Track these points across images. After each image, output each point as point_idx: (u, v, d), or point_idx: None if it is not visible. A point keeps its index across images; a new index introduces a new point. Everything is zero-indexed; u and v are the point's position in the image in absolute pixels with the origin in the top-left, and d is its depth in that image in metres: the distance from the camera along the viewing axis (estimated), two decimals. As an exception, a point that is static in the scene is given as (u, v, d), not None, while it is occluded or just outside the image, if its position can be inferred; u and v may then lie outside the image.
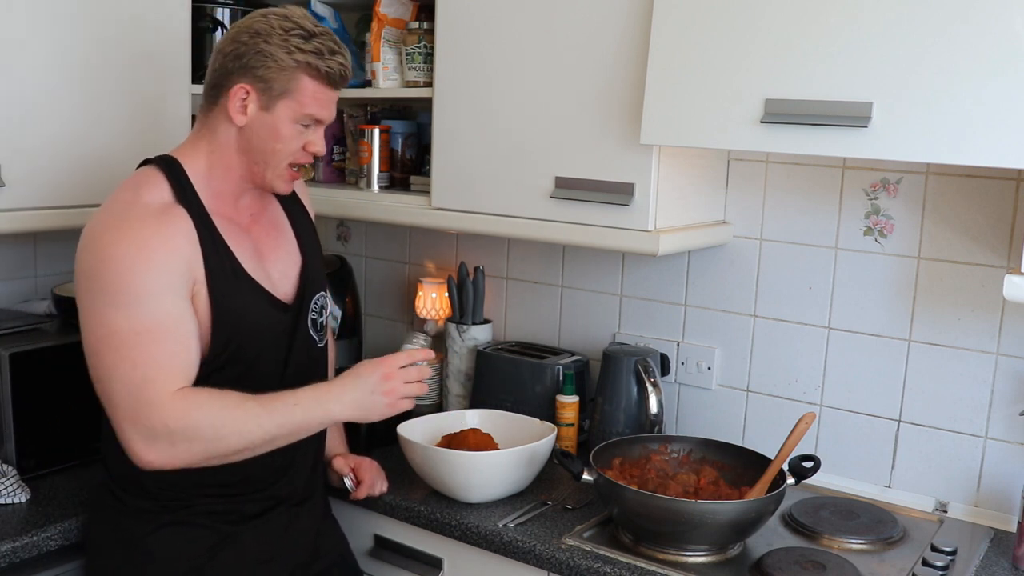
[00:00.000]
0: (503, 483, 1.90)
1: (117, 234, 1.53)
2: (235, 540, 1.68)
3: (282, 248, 1.77)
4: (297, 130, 1.64)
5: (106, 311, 1.52)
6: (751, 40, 1.65)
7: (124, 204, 1.58)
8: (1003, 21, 1.43)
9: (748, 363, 2.16)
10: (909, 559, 1.74)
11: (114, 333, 1.51)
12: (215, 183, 1.66)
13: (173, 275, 1.54)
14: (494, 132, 2.05)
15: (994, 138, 1.45)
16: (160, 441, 1.51)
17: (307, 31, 1.60)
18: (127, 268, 1.51)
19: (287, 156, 1.65)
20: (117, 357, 1.51)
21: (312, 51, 1.59)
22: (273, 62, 1.58)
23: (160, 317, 1.52)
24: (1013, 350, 1.87)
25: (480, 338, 2.41)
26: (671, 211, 1.92)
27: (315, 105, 1.63)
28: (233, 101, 1.60)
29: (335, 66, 1.62)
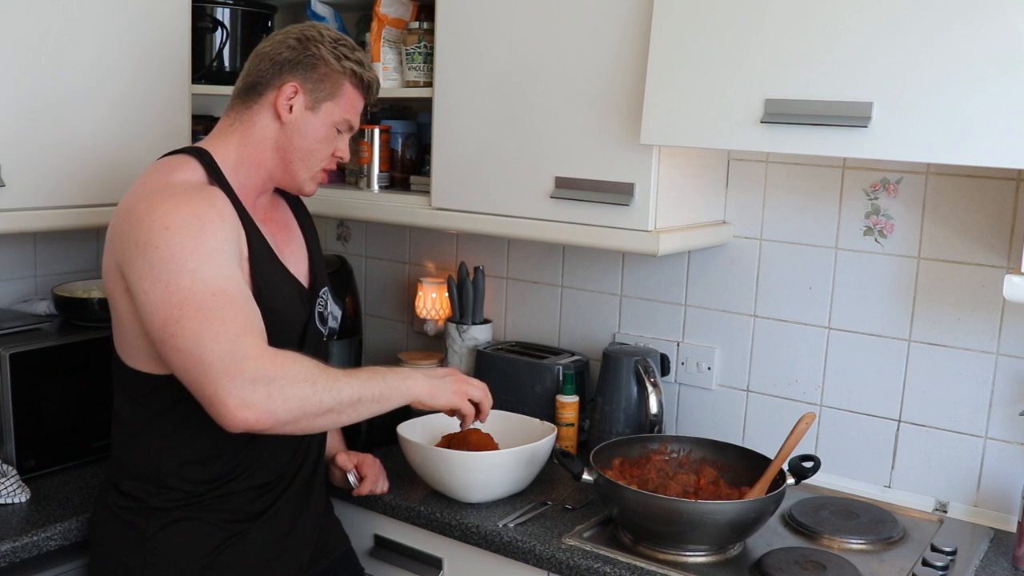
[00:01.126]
0: (503, 483, 1.90)
1: (171, 204, 1.54)
2: (242, 537, 1.68)
3: (293, 243, 1.81)
4: (333, 133, 1.73)
5: (175, 279, 1.49)
6: (751, 40, 1.65)
7: (163, 184, 1.59)
8: (1003, 21, 1.43)
9: (748, 363, 2.16)
10: (909, 559, 1.74)
11: (189, 298, 1.49)
12: (242, 177, 1.69)
13: (230, 241, 1.57)
14: (494, 132, 2.05)
15: (994, 138, 1.45)
16: (259, 391, 1.46)
17: (350, 44, 1.73)
18: (191, 233, 1.51)
19: (322, 157, 1.74)
20: (202, 318, 1.48)
21: (356, 61, 1.72)
22: (325, 66, 1.68)
23: (228, 280, 1.53)
24: (1013, 350, 1.87)
25: (480, 338, 2.41)
26: (671, 211, 1.92)
27: (352, 111, 1.74)
28: (282, 98, 1.67)
29: (373, 78, 1.76)
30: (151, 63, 2.17)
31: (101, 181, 2.10)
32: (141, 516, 1.66)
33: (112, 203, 2.11)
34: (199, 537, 1.66)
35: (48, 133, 2.00)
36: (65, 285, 2.23)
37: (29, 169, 1.98)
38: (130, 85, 2.13)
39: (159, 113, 2.20)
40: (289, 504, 1.75)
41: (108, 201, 2.11)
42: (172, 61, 2.21)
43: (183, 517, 1.65)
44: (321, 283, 1.83)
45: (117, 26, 2.09)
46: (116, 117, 2.12)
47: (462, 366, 2.40)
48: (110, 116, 2.11)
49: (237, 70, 2.40)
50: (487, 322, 2.45)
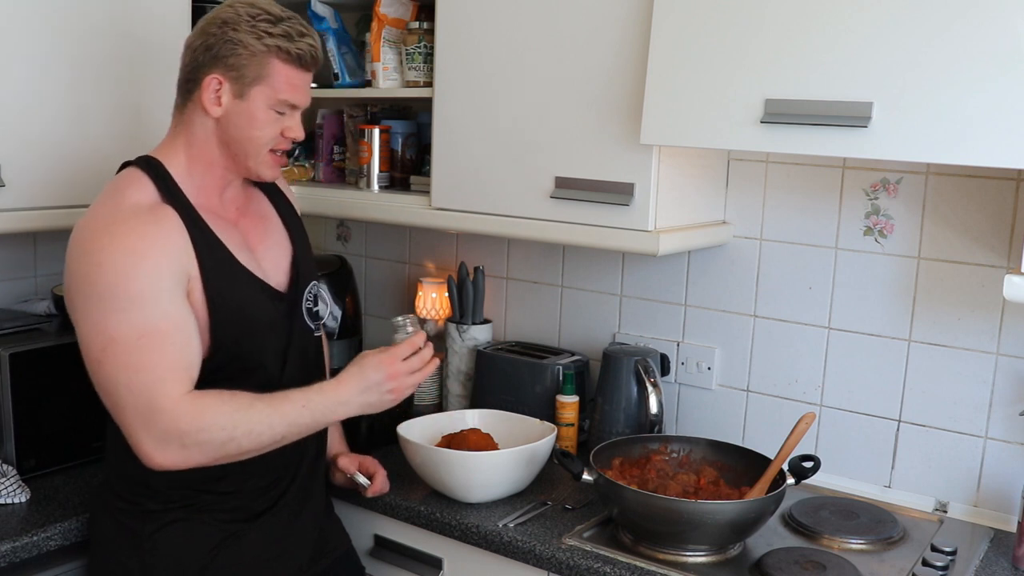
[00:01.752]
0: (503, 483, 1.90)
1: (107, 239, 1.52)
2: (240, 538, 1.68)
3: (271, 238, 1.77)
4: (273, 116, 1.63)
5: (104, 317, 1.51)
6: (751, 40, 1.65)
7: (111, 208, 1.57)
8: (1003, 21, 1.43)
9: (748, 363, 2.16)
10: (909, 559, 1.74)
11: (116, 339, 1.50)
12: (197, 178, 1.65)
13: (168, 275, 1.54)
14: (494, 132, 2.05)
15: (994, 138, 1.45)
16: (172, 444, 1.51)
17: (274, 15, 1.60)
18: (122, 272, 1.50)
19: (266, 143, 1.65)
20: (122, 363, 1.51)
21: (281, 34, 1.59)
22: (243, 49, 1.58)
23: (160, 320, 1.52)
24: (1013, 350, 1.87)
25: (480, 338, 2.41)
26: (671, 211, 1.92)
27: (289, 90, 1.63)
28: (207, 93, 1.61)
29: (305, 48, 1.62)
30: (151, 63, 2.17)
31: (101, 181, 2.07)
32: (137, 518, 1.66)
33: (112, 203, 2.12)
34: (197, 538, 1.66)
35: (48, 133, 2.00)
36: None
37: (29, 169, 1.98)
38: (130, 85, 2.13)
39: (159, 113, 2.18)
40: (287, 504, 1.75)
41: (108, 201, 2.12)
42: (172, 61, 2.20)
43: (180, 518, 1.65)
44: (307, 278, 1.78)
45: (117, 26, 2.09)
46: (116, 117, 2.12)
47: (462, 366, 2.40)
48: (110, 116, 2.11)
49: (237, 70, 2.41)
50: (487, 322, 2.45)
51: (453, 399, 2.42)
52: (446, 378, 2.44)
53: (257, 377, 1.65)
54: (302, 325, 1.76)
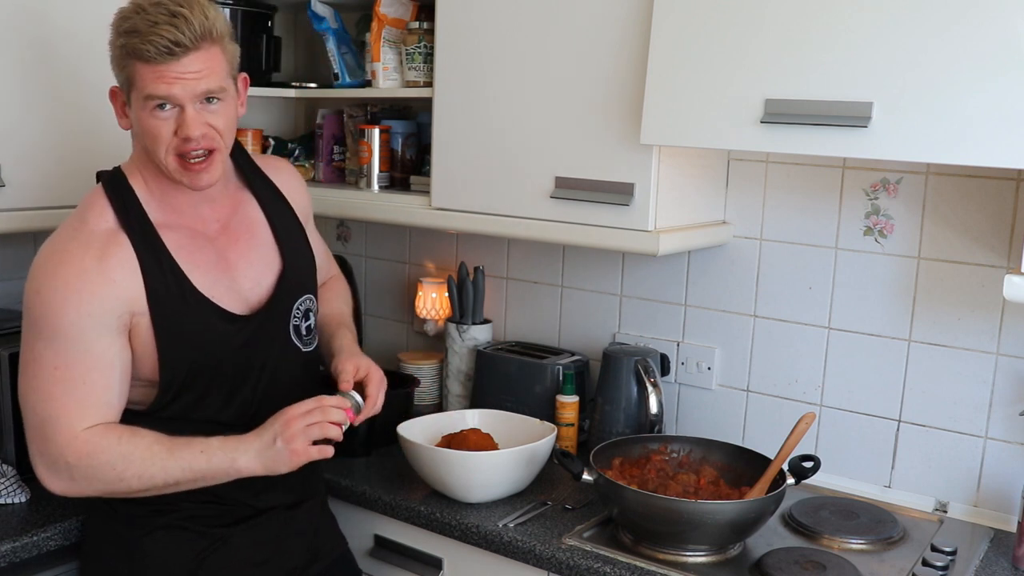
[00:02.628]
0: (503, 483, 1.90)
1: (48, 267, 1.53)
2: (226, 543, 1.68)
3: (254, 254, 1.68)
4: (157, 117, 1.50)
5: (32, 340, 1.53)
6: (751, 40, 1.65)
7: (70, 231, 1.55)
8: (1003, 21, 1.43)
9: (748, 363, 2.16)
10: (909, 559, 1.74)
11: (35, 361, 1.53)
12: (158, 193, 1.60)
13: (103, 313, 1.51)
14: (494, 132, 2.05)
15: (994, 138, 1.45)
16: (61, 473, 1.53)
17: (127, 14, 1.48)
18: (55, 304, 1.50)
19: (162, 147, 1.52)
20: (34, 388, 1.53)
21: (130, 31, 1.46)
22: (113, 59, 1.52)
23: (80, 356, 1.51)
24: (1013, 350, 1.87)
25: (480, 338, 2.41)
26: (671, 211, 1.92)
27: (152, 84, 1.47)
28: (115, 108, 1.58)
29: (156, 39, 1.44)
30: (151, 63, 2.17)
31: (101, 181, 2.10)
32: (125, 524, 1.66)
33: (112, 203, 2.12)
34: (184, 542, 1.65)
35: (48, 133, 2.00)
36: (65, 285, 2.23)
37: (29, 169, 1.98)
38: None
39: (159, 113, 2.20)
40: (276, 509, 1.73)
41: (108, 201, 2.11)
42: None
43: (166, 524, 1.65)
44: (294, 294, 1.70)
45: (117, 26, 2.09)
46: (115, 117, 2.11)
47: (462, 366, 2.40)
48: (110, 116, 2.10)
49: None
50: (487, 322, 2.45)
51: (453, 399, 2.42)
52: (446, 378, 2.44)
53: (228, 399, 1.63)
54: (283, 344, 1.69)
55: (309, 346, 1.76)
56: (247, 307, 1.66)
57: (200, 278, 1.60)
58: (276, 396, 1.64)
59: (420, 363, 2.46)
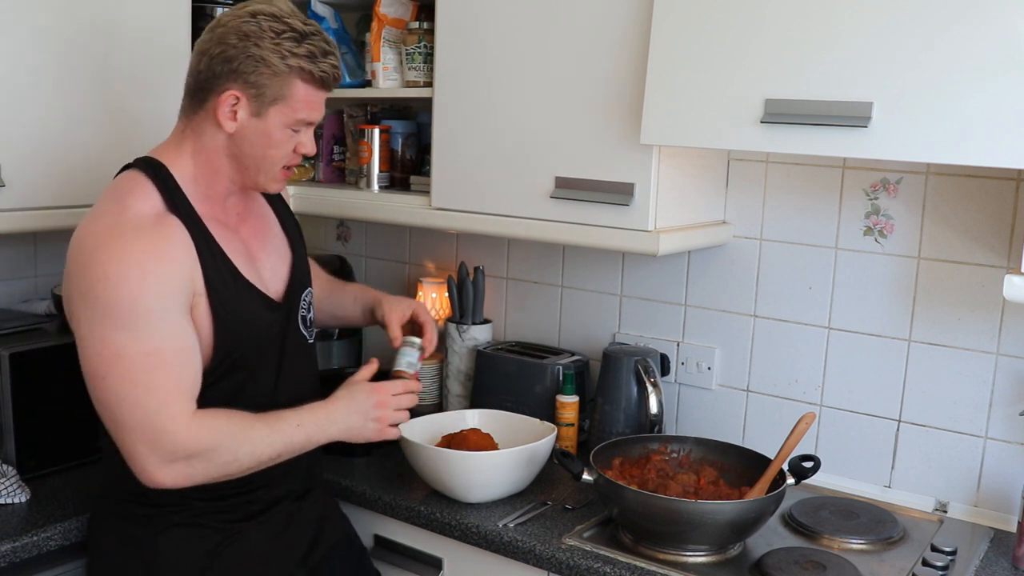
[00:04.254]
0: (503, 483, 1.90)
1: (113, 251, 1.48)
2: (240, 537, 1.68)
3: (270, 245, 1.74)
4: (288, 134, 1.60)
5: (110, 334, 1.48)
6: (751, 40, 1.65)
7: (113, 216, 1.52)
8: (1003, 21, 1.43)
9: (748, 363, 2.16)
10: (909, 559, 1.74)
11: (121, 356, 1.48)
12: (202, 187, 1.61)
13: (174, 294, 1.51)
14: (494, 132, 2.05)
15: (994, 138, 1.45)
16: (178, 464, 1.51)
17: (298, 32, 1.55)
18: (128, 288, 1.47)
19: (280, 160, 1.62)
20: (127, 381, 1.48)
21: (305, 55, 1.54)
22: (266, 67, 1.53)
23: (166, 337, 1.50)
24: (1013, 350, 1.87)
25: (480, 338, 2.41)
26: (671, 211, 1.92)
27: (307, 109, 1.59)
28: (223, 108, 1.55)
29: (328, 69, 1.57)
30: (151, 63, 2.17)
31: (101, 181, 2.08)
32: (138, 524, 1.65)
33: (112, 203, 2.12)
34: (197, 540, 1.65)
35: (48, 133, 2.00)
36: (65, 285, 2.23)
37: (29, 169, 1.98)
38: (130, 85, 2.13)
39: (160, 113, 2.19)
40: (287, 500, 1.75)
41: (108, 201, 2.11)
42: (172, 61, 2.21)
43: (179, 522, 1.65)
44: (302, 285, 1.77)
45: (117, 26, 2.09)
46: (116, 117, 2.12)
47: (462, 366, 2.40)
48: (110, 116, 2.11)
49: (237, 70, 2.41)
50: (487, 322, 2.45)
51: (453, 399, 2.42)
52: (446, 378, 2.44)
53: (254, 387, 1.65)
54: (296, 333, 1.74)
55: (311, 337, 1.81)
56: (277, 296, 1.71)
57: (240, 265, 1.64)
58: (289, 385, 1.71)
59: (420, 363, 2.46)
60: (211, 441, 1.52)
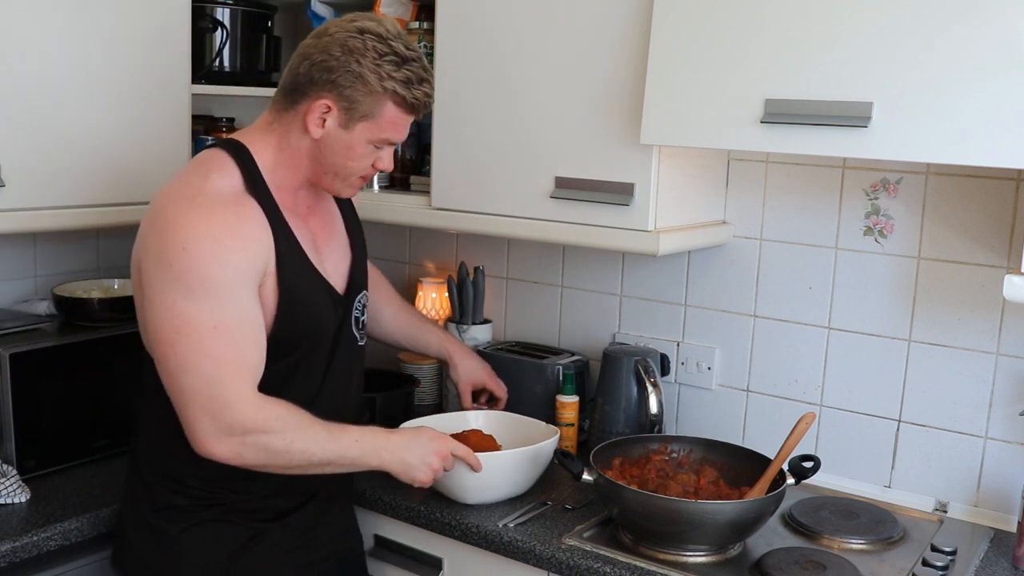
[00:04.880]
0: (503, 486, 1.89)
1: (192, 221, 1.52)
2: (265, 536, 1.69)
3: (335, 241, 1.79)
4: (371, 150, 1.65)
5: (183, 302, 1.50)
6: (751, 40, 1.65)
7: (195, 189, 1.56)
8: (1003, 21, 1.43)
9: (748, 363, 2.16)
10: (909, 559, 1.74)
11: (191, 325, 1.50)
12: (279, 177, 1.66)
13: (247, 270, 1.55)
14: (494, 132, 2.05)
15: (994, 138, 1.45)
16: (233, 438, 1.52)
17: (400, 56, 1.59)
18: (205, 259, 1.50)
19: (357, 172, 1.67)
20: (195, 349, 1.51)
21: (402, 80, 1.59)
22: (363, 84, 1.58)
23: (238, 312, 1.53)
24: (1013, 350, 1.87)
25: (480, 338, 2.41)
26: (671, 211, 1.92)
27: (393, 130, 1.64)
28: (313, 114, 1.60)
29: (421, 96, 1.62)
30: (151, 63, 2.17)
31: (101, 181, 2.10)
32: (165, 518, 1.66)
33: (113, 203, 2.12)
34: (222, 537, 1.66)
35: (48, 133, 2.00)
36: (65, 285, 2.23)
37: (29, 169, 1.98)
38: (130, 85, 2.13)
39: (159, 113, 2.20)
40: (316, 501, 1.76)
41: (108, 201, 2.11)
42: (172, 61, 2.21)
43: (207, 519, 1.66)
44: (360, 286, 1.80)
45: (117, 26, 2.09)
46: (116, 117, 2.12)
47: (462, 366, 2.39)
48: (110, 116, 2.11)
49: (237, 70, 2.42)
50: (487, 322, 2.45)
51: (453, 399, 2.42)
52: (446, 378, 2.44)
53: (304, 374, 1.67)
54: (349, 332, 1.76)
55: (361, 340, 1.82)
56: (338, 289, 1.74)
57: (309, 252, 1.67)
58: (337, 382, 1.73)
59: (420, 363, 2.46)
60: (270, 424, 1.53)
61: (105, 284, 2.29)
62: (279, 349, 1.62)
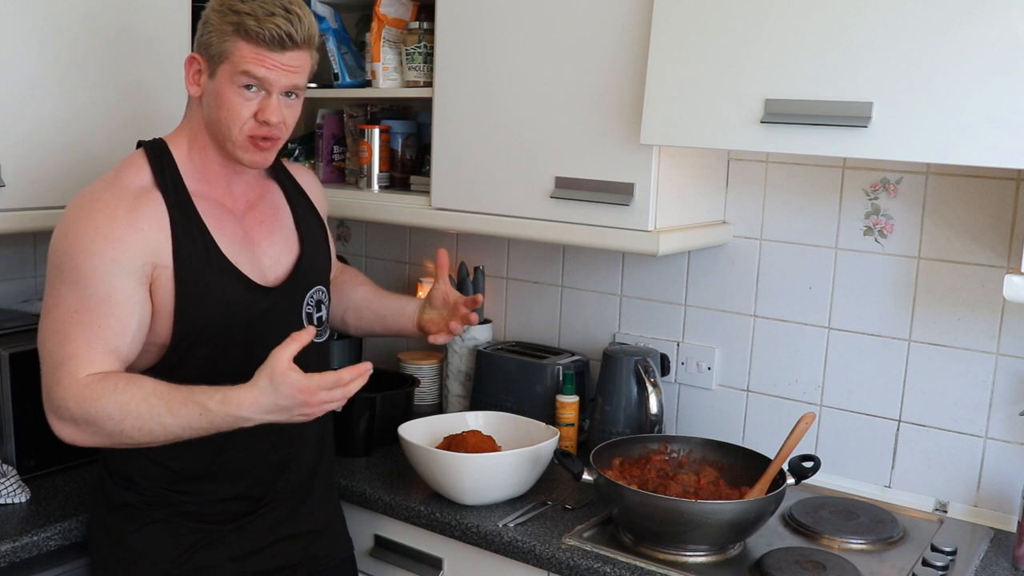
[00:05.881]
0: (502, 487, 1.89)
1: (84, 213, 1.55)
2: (217, 539, 1.68)
3: (277, 235, 1.75)
4: (242, 95, 1.58)
5: (56, 285, 1.55)
6: (751, 40, 1.65)
7: (103, 185, 1.60)
8: (1003, 21, 1.43)
9: (748, 363, 2.16)
10: (909, 559, 1.74)
11: (56, 305, 1.54)
12: (198, 165, 1.66)
13: (128, 260, 1.54)
14: (494, 132, 2.05)
15: (994, 138, 1.45)
16: (65, 420, 1.53)
17: None
18: (82, 247, 1.53)
19: (237, 123, 1.60)
20: (52, 328, 1.54)
21: (247, 12, 1.55)
22: (211, 27, 1.59)
23: (100, 300, 1.53)
24: (1013, 350, 1.87)
25: (480, 338, 2.41)
26: (671, 211, 1.92)
27: (251, 65, 1.56)
28: (188, 73, 1.63)
29: (272, 27, 1.55)
30: (152, 63, 2.17)
31: (101, 181, 2.10)
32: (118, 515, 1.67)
33: (112, 203, 2.12)
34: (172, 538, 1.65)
35: (48, 133, 2.00)
36: (65, 285, 2.23)
37: (29, 169, 1.98)
38: (130, 85, 2.13)
39: (159, 113, 2.20)
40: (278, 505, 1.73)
41: (108, 201, 2.11)
42: (172, 61, 2.21)
43: (159, 519, 1.65)
44: (309, 281, 1.76)
45: (117, 26, 2.09)
46: (116, 117, 2.12)
47: (462, 366, 2.40)
48: (110, 116, 2.11)
49: (237, 70, 2.41)
50: (487, 322, 2.45)
51: (453, 399, 2.42)
52: (446, 378, 2.44)
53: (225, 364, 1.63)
54: (295, 327, 1.66)
55: (320, 337, 1.79)
56: (266, 281, 1.70)
57: (226, 245, 1.65)
58: None
59: (420, 363, 2.46)
60: (89, 405, 1.50)
61: (105, 284, 2.28)
62: (187, 342, 1.61)
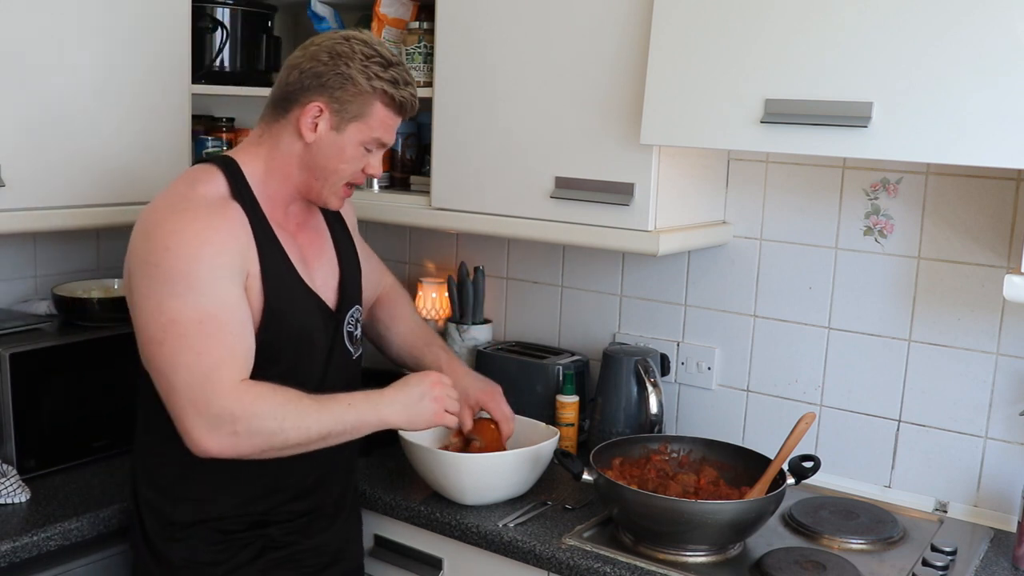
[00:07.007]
0: (503, 486, 1.89)
1: (176, 223, 1.55)
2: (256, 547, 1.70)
3: (324, 256, 1.80)
4: (361, 152, 1.68)
5: (167, 300, 1.53)
6: (751, 40, 1.65)
7: (180, 196, 1.60)
8: (1003, 22, 1.43)
9: (748, 363, 2.16)
10: (909, 559, 1.74)
11: (176, 321, 1.52)
12: (269, 189, 1.68)
13: (230, 263, 1.56)
14: (494, 132, 2.05)
15: (994, 138, 1.45)
16: (223, 428, 1.52)
17: (386, 60, 1.65)
18: (187, 257, 1.53)
19: (347, 176, 1.69)
20: (180, 345, 1.52)
21: (389, 80, 1.64)
22: (352, 85, 1.63)
23: (220, 305, 1.54)
24: (1013, 350, 1.87)
25: (480, 338, 2.41)
26: (671, 211, 1.92)
27: (382, 130, 1.68)
28: (306, 117, 1.64)
29: (407, 96, 1.67)
30: (151, 63, 2.17)
31: (101, 181, 2.10)
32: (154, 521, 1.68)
33: (113, 203, 2.13)
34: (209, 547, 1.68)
35: (48, 133, 2.00)
36: (65, 285, 2.23)
37: (29, 169, 1.98)
38: (130, 85, 2.13)
39: (159, 113, 2.20)
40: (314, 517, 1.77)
41: (108, 201, 2.11)
42: (172, 61, 2.21)
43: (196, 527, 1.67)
44: (351, 301, 1.81)
45: (117, 26, 2.09)
46: (116, 117, 2.12)
47: (462, 366, 2.39)
48: (110, 116, 2.11)
49: (237, 70, 2.42)
50: (487, 322, 2.45)
51: (453, 399, 2.42)
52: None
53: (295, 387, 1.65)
54: (342, 347, 1.77)
55: (355, 354, 1.83)
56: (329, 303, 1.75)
57: (296, 264, 1.69)
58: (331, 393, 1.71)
59: (420, 363, 2.46)
60: (255, 407, 1.53)
61: (105, 284, 2.29)
62: (263, 356, 1.61)
